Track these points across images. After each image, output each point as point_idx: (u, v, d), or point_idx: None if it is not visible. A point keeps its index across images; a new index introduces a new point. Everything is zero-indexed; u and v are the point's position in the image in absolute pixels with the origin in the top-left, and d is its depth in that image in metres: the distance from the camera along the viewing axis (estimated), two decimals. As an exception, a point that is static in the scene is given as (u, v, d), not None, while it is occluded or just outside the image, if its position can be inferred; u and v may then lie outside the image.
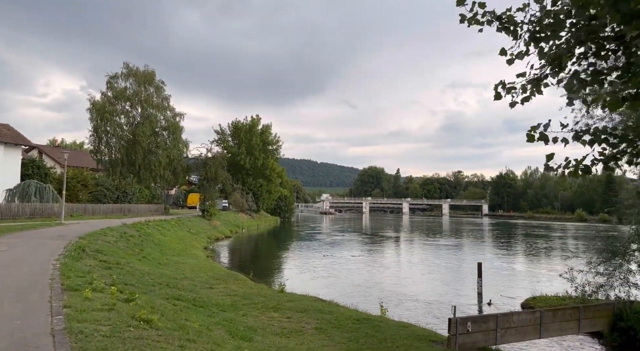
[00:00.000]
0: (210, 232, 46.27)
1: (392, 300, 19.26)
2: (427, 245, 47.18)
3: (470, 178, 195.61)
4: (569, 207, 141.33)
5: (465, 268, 30.65)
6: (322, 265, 29.47)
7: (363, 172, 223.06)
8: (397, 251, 42.09)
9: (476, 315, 10.60)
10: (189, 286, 16.23)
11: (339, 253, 37.31)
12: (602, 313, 12.11)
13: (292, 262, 32.00)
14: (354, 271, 27.51)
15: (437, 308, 18.02)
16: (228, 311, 12.29)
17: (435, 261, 34.08)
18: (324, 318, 11.72)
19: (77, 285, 10.16)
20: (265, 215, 79.15)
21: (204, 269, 22.83)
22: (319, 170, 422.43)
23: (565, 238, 60.39)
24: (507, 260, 35.07)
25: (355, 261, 32.26)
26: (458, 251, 42.14)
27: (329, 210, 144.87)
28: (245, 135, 76.40)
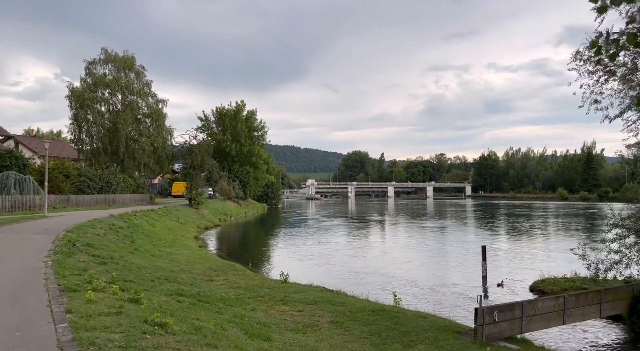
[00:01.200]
0: (199, 221, 45.37)
1: (395, 286, 18.91)
2: (418, 228, 47.22)
3: (453, 160, 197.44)
4: (550, 186, 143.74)
5: (459, 250, 30.63)
6: (318, 252, 29.04)
7: (347, 157, 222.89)
8: (389, 235, 41.98)
9: (502, 304, 10.25)
10: (189, 279, 15.54)
11: (334, 239, 36.97)
12: (622, 296, 11.93)
13: (287, 249, 31.48)
14: (352, 258, 27.16)
15: (442, 293, 17.75)
16: (235, 305, 11.70)
17: (429, 244, 34.01)
18: (337, 310, 11.23)
19: (76, 284, 9.40)
20: (253, 202, 78.34)
21: (199, 260, 22.12)
22: (302, 156, 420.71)
23: (549, 217, 61.47)
24: (500, 241, 35.22)
25: (352, 247, 31.94)
26: (449, 233, 42.26)
27: (314, 196, 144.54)
28: (231, 122, 74.99)
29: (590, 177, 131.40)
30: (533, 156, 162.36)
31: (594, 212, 70.52)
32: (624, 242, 11.30)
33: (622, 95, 12.75)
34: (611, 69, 13.36)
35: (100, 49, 50.51)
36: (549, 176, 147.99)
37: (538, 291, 16.27)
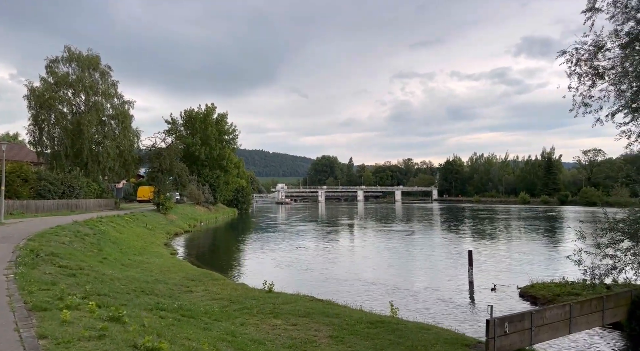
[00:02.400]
0: (168, 227, 43.67)
1: (382, 293, 18.45)
2: (392, 233, 47.16)
3: (419, 165, 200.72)
4: (512, 190, 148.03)
5: (437, 254, 30.57)
6: (297, 258, 28.27)
7: (317, 161, 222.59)
8: (365, 240, 41.60)
9: (512, 314, 9.85)
10: (166, 290, 14.50)
11: (311, 244, 36.27)
12: (621, 302, 11.81)
13: (264, 255, 30.51)
14: (332, 264, 26.54)
15: (431, 300, 17.34)
16: (222, 320, 10.82)
17: (406, 248, 33.86)
18: (333, 322, 10.55)
19: (46, 302, 8.33)
20: (223, 207, 76.53)
21: (173, 269, 20.95)
22: (271, 160, 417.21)
23: (514, 220, 63.07)
24: (474, 245, 35.48)
25: (330, 252, 31.32)
26: (423, 237, 42.35)
27: (284, 200, 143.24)
28: (200, 125, 73.09)
29: (550, 181, 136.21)
30: (496, 161, 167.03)
31: (554, 215, 73.54)
32: (618, 247, 11.19)
33: (614, 97, 12.73)
34: (600, 72, 13.36)
35: (63, 47, 48.07)
36: (512, 180, 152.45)
37: (529, 296, 16.10)
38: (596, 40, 13.31)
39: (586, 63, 13.58)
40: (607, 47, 13.06)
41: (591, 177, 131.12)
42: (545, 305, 14.52)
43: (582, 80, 13.58)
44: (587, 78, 13.47)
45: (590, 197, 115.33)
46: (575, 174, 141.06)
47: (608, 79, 13.13)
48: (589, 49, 13.22)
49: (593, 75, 13.39)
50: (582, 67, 13.61)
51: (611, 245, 11.24)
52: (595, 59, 13.41)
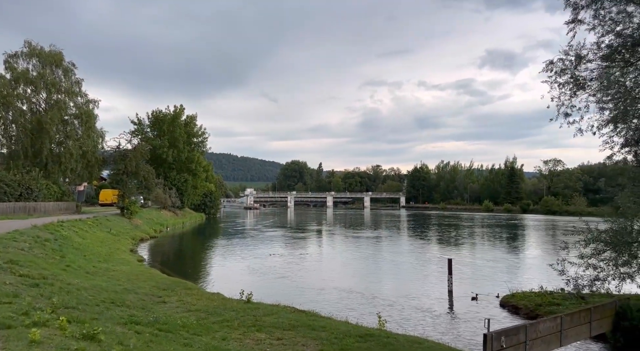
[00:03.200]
0: (133, 232, 42.02)
1: (360, 302, 18.14)
2: (364, 239, 47.13)
3: (388, 172, 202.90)
4: (476, 198, 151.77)
5: (410, 261, 30.61)
6: (270, 265, 27.62)
7: (286, 166, 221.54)
8: (339, 247, 41.24)
9: (508, 328, 9.70)
10: (138, 301, 13.64)
11: (283, 250, 35.64)
12: (607, 313, 11.90)
13: (235, 263, 29.66)
14: (307, 271, 26.08)
15: (411, 309, 17.14)
16: (202, 334, 10.18)
17: (379, 256, 33.83)
18: (320, 336, 10.11)
19: (9, 317, 7.50)
20: (190, 212, 74.61)
21: (141, 277, 19.93)
22: (239, 165, 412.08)
23: (480, 227, 64.53)
24: (446, 252, 35.83)
25: (304, 259, 30.82)
26: (395, 244, 42.49)
27: (253, 205, 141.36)
28: (168, 127, 71.18)
29: (513, 190, 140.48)
30: (461, 170, 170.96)
31: (517, 223, 76.04)
32: (601, 257, 11.29)
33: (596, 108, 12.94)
34: (581, 83, 13.58)
35: (23, 41, 45.72)
36: (476, 188, 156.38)
37: (510, 306, 16.12)
38: (577, 51, 13.55)
39: (566, 72, 13.80)
40: (588, 58, 13.30)
41: (551, 186, 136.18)
42: (527, 315, 14.59)
43: (563, 90, 13.77)
44: (568, 88, 13.67)
45: (550, 205, 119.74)
46: (536, 183, 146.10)
47: (589, 90, 13.37)
48: (570, 59, 13.43)
49: (574, 85, 13.60)
50: (562, 77, 13.83)
51: (594, 256, 11.33)
52: (576, 69, 13.64)
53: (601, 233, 11.42)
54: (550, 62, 13.85)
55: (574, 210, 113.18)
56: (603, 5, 12.61)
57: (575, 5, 12.84)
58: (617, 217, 11.46)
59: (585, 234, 11.69)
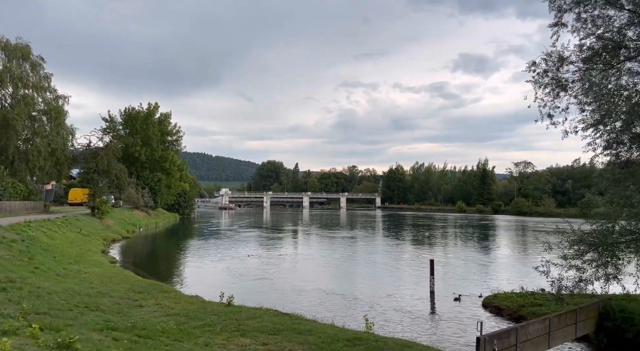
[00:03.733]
0: (105, 233, 40.70)
1: (342, 304, 17.95)
2: (340, 240, 47.08)
3: (363, 172, 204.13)
4: (450, 199, 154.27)
5: (388, 261, 30.66)
6: (248, 267, 27.13)
7: (262, 166, 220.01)
8: (315, 247, 40.96)
9: (500, 331, 9.65)
10: (113, 305, 13.04)
11: (260, 251, 35.12)
12: (591, 314, 12.03)
13: (213, 264, 29.01)
14: (285, 272, 25.74)
15: (393, 310, 17.02)
16: (183, 340, 9.74)
17: (357, 256, 33.77)
18: (307, 340, 9.82)
19: (-25, 327, 6.95)
20: (163, 212, 72.89)
21: (115, 279, 19.19)
22: (214, 164, 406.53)
23: (453, 228, 65.56)
24: (423, 252, 36.10)
25: (283, 260, 30.41)
26: (371, 245, 42.56)
27: (228, 205, 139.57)
28: (142, 125, 69.48)
29: (485, 191, 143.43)
30: (435, 171, 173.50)
31: (488, 224, 77.87)
32: (584, 258, 11.41)
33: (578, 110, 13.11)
34: (563, 84, 13.75)
35: (-12, 33, 43.63)
36: (449, 190, 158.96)
37: (493, 307, 16.15)
38: (560, 53, 13.72)
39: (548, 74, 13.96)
40: (570, 60, 13.48)
41: (521, 187, 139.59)
42: (510, 315, 14.64)
43: (547, 91, 13.93)
44: (551, 89, 13.82)
45: (521, 206, 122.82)
46: (506, 185, 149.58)
47: (571, 92, 13.55)
48: (553, 61, 13.59)
49: (557, 86, 13.76)
50: (545, 78, 13.99)
51: (577, 257, 11.44)
52: (558, 71, 13.81)
53: (584, 235, 11.54)
54: (533, 63, 13.99)
55: (544, 211, 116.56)
56: (586, 9, 12.82)
57: (559, 8, 13.00)
58: (599, 218, 11.59)
59: (568, 235, 11.79)
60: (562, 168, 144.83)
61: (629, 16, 13.11)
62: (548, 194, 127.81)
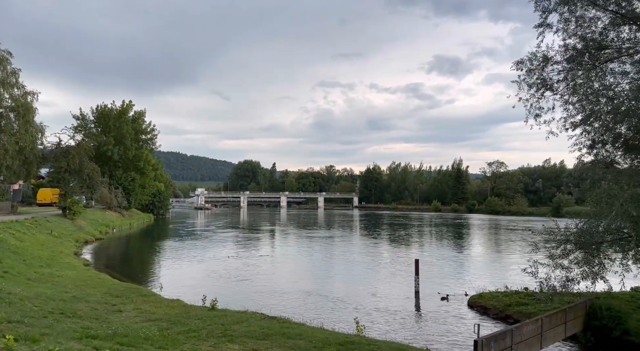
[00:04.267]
0: (77, 234, 39.35)
1: (327, 306, 17.70)
2: (320, 240, 46.85)
3: (341, 172, 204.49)
4: (425, 198, 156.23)
5: (368, 261, 30.59)
6: (229, 268, 26.61)
7: (239, 166, 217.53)
8: (295, 248, 40.56)
9: (496, 333, 9.54)
10: (90, 311, 12.42)
11: (240, 252, 34.55)
12: (579, 313, 12.11)
13: (191, 266, 28.30)
14: (267, 274, 25.31)
15: (380, 311, 16.87)
16: (168, 348, 9.28)
17: (338, 256, 33.60)
18: (298, 345, 9.51)
19: (-58, 339, 6.36)
20: (137, 213, 71.07)
21: (90, 283, 18.43)
22: (188, 164, 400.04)
23: (429, 226, 66.37)
24: (401, 251, 36.23)
25: (264, 261, 29.93)
26: (351, 244, 42.49)
27: (204, 205, 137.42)
28: (115, 123, 67.62)
29: (460, 190, 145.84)
30: (411, 171, 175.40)
31: (462, 223, 79.41)
32: (570, 257, 11.48)
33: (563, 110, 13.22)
34: (549, 84, 13.86)
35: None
36: (425, 189, 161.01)
37: (479, 306, 16.13)
38: (545, 53, 13.82)
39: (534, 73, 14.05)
40: (555, 60, 13.59)
41: (494, 187, 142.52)
42: (497, 315, 14.65)
43: (531, 91, 14.01)
44: (536, 89, 13.91)
45: (494, 206, 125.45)
46: (480, 184, 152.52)
47: (556, 92, 13.66)
48: (538, 60, 13.67)
49: (542, 86, 13.86)
50: (531, 77, 14.08)
51: (563, 256, 11.49)
52: (543, 71, 13.91)
53: (570, 234, 11.61)
54: (519, 62, 14.06)
55: (516, 210, 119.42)
56: (570, 9, 12.93)
57: (544, 9, 13.08)
58: (584, 217, 11.69)
59: (555, 235, 11.85)
60: (533, 168, 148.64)
61: (611, 17, 13.29)
62: (520, 193, 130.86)
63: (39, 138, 46.77)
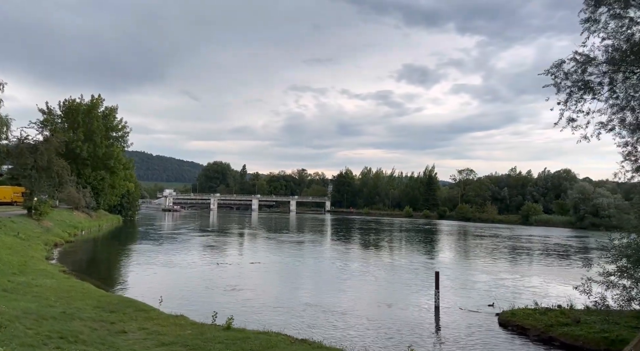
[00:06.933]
0: (45, 236, 36.49)
1: (343, 322, 16.45)
2: (299, 245, 45.54)
3: (313, 176, 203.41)
4: (397, 204, 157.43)
5: (362, 270, 29.49)
6: (223, 276, 24.91)
7: (208, 167, 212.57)
8: (278, 254, 38.82)
9: None
10: (91, 333, 10.69)
11: (230, 259, 32.80)
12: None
13: (176, 273, 26.34)
14: (263, 284, 23.84)
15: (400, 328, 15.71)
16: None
17: (328, 263, 32.38)
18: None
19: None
20: (105, 214, 67.46)
21: (75, 294, 16.46)
22: (154, 164, 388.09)
23: (402, 232, 66.35)
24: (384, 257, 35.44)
25: (257, 269, 28.26)
26: (334, 251, 41.32)
27: (173, 207, 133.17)
28: (84, 118, 64.05)
29: (431, 197, 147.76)
30: (383, 176, 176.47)
31: (431, 228, 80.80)
32: (629, 274, 10.78)
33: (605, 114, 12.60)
34: (591, 87, 13.24)
35: None
36: (397, 195, 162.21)
37: (514, 326, 14.56)
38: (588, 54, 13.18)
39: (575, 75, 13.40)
40: (598, 60, 12.97)
41: (464, 194, 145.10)
42: (539, 336, 13.33)
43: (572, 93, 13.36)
44: (576, 90, 13.26)
45: (465, 212, 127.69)
46: (450, 191, 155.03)
47: (598, 94, 13.04)
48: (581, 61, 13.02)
49: (582, 87, 13.22)
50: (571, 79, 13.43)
51: (624, 275, 10.74)
52: (584, 73, 13.27)
53: (625, 249, 10.90)
54: (559, 63, 13.38)
55: (486, 217, 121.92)
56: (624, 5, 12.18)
57: (596, 2, 12.29)
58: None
59: (607, 250, 11.11)
60: (500, 176, 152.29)
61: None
62: (490, 201, 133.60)
63: (3, 132, 43.39)
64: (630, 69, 12.85)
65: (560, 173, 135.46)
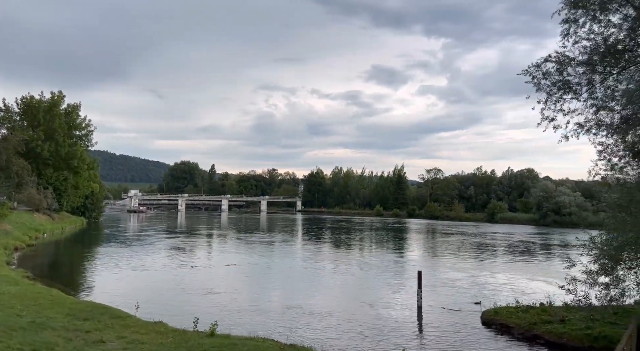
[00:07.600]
0: (4, 240, 34.56)
1: (321, 323, 16.20)
2: (268, 245, 45.07)
3: (283, 176, 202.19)
4: (367, 203, 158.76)
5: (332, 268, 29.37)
6: (198, 279, 24.22)
7: (175, 167, 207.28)
8: (251, 255, 38.13)
9: None
10: (66, 344, 10.00)
11: (205, 261, 32.05)
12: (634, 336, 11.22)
13: (152, 276, 25.40)
14: (241, 286, 23.33)
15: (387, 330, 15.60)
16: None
17: (305, 265, 32.13)
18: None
19: None
20: (68, 216, 64.62)
21: (43, 302, 15.51)
22: (118, 163, 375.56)
23: (374, 231, 66.96)
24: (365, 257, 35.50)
25: (231, 271, 27.67)
26: (304, 252, 41.08)
27: (139, 208, 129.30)
28: (45, 116, 61.16)
29: (400, 196, 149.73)
30: (353, 176, 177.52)
31: (401, 227, 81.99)
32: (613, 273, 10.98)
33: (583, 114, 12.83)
34: (570, 86, 13.46)
35: None
36: (367, 194, 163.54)
37: (498, 324, 14.73)
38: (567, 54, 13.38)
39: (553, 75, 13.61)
40: (578, 59, 13.20)
41: (432, 193, 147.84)
42: (523, 335, 13.48)
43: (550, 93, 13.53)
44: (556, 90, 13.44)
45: (433, 211, 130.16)
46: (418, 190, 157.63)
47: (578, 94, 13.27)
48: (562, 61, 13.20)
49: (562, 87, 13.41)
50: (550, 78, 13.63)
51: (602, 273, 10.97)
52: (563, 73, 13.49)
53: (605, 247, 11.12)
54: (539, 63, 13.55)
55: (454, 215, 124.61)
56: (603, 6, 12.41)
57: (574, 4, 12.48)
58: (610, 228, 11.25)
59: (589, 249, 11.32)
60: (466, 175, 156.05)
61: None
62: (457, 199, 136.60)
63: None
64: (608, 70, 13.14)
65: (523, 173, 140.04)
